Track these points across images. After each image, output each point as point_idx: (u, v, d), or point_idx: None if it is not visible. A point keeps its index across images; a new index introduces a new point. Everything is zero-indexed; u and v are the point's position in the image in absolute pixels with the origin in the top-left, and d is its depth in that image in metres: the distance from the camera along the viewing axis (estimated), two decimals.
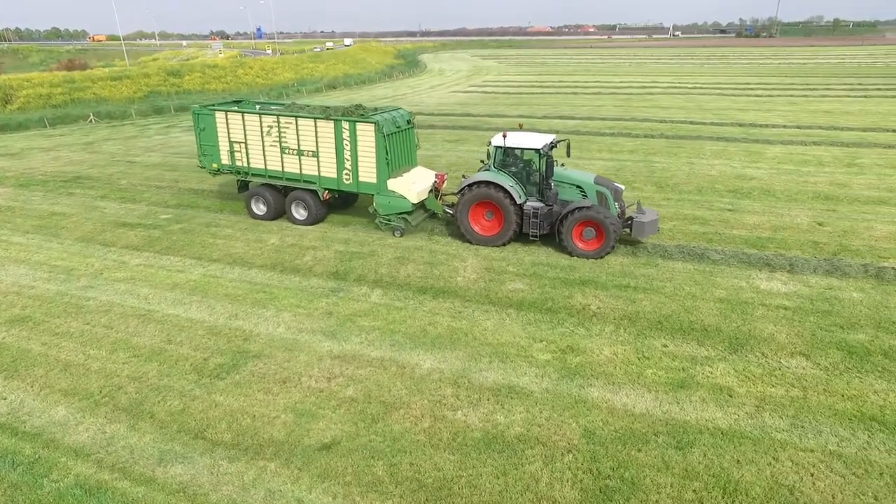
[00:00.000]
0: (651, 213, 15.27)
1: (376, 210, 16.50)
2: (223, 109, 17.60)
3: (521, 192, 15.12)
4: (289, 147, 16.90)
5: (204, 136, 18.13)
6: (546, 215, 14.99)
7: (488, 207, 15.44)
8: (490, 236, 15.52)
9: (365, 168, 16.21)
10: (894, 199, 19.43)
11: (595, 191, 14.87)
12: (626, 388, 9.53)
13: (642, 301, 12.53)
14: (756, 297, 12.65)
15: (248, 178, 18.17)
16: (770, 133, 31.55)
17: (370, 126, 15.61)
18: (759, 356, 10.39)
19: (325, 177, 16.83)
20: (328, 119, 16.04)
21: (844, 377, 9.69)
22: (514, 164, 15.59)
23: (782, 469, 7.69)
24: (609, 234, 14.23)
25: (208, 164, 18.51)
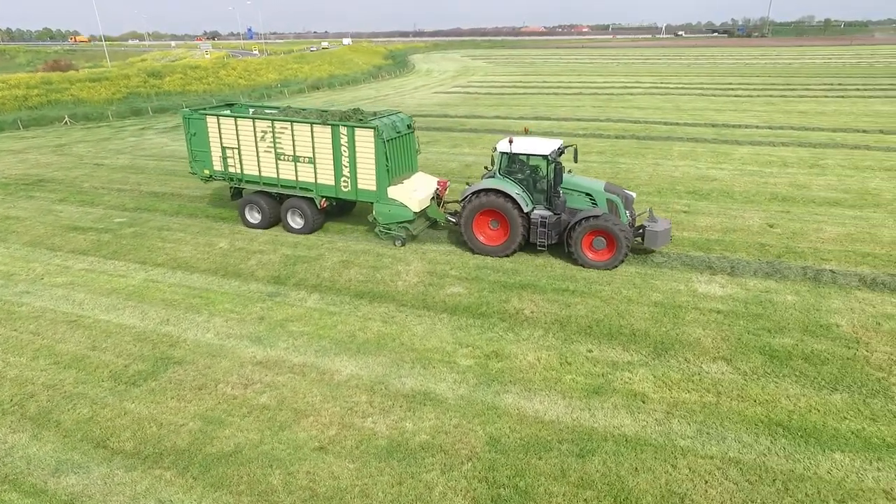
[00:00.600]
0: (663, 221, 14.65)
1: (376, 219, 15.89)
2: (214, 114, 16.88)
3: (527, 201, 14.47)
4: (284, 153, 16.27)
5: (195, 141, 17.39)
6: (554, 224, 14.37)
7: (493, 216, 14.79)
8: (495, 246, 14.86)
9: (364, 175, 15.61)
10: (849, 200, 19.47)
11: (605, 198, 14.27)
12: (541, 394, 9.50)
13: (577, 305, 12.52)
14: (691, 300, 12.65)
15: (242, 185, 17.56)
16: (741, 134, 31.62)
17: (369, 131, 15.00)
18: (682, 361, 10.38)
19: (323, 184, 16.21)
20: (325, 124, 15.43)
21: (761, 382, 9.69)
22: (520, 171, 15.00)
23: (678, 477, 7.67)
24: (620, 243, 13.63)
25: (200, 170, 17.80)
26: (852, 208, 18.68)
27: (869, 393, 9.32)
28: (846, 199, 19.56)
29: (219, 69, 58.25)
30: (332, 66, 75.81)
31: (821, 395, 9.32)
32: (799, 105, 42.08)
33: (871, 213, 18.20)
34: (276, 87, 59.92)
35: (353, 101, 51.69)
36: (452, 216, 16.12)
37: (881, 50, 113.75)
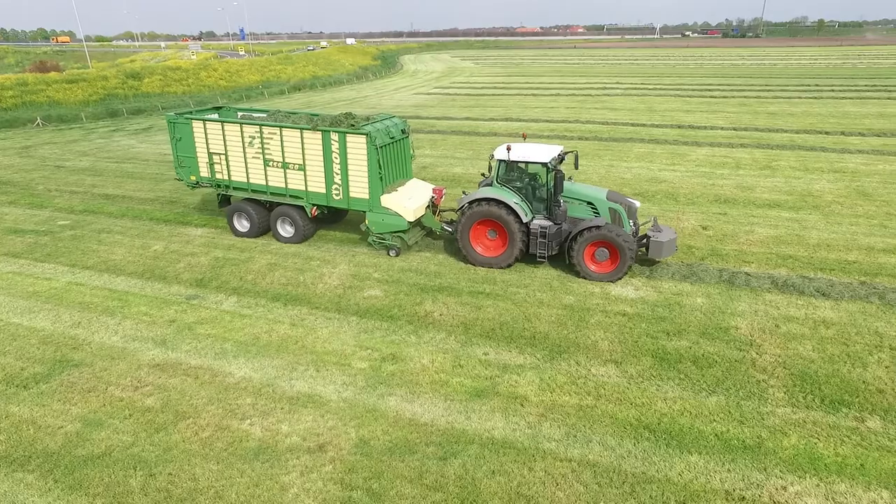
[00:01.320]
0: (668, 230, 14.12)
1: (369, 228, 15.42)
2: (200, 118, 16.32)
3: (526, 210, 13.95)
4: (273, 159, 15.70)
5: (180, 146, 16.86)
6: (555, 235, 13.80)
7: (491, 226, 14.29)
8: (494, 257, 14.36)
9: (356, 183, 15.08)
10: (790, 202, 19.61)
11: (608, 207, 13.74)
12: (424, 397, 9.62)
13: (488, 308, 12.63)
14: (602, 303, 12.77)
15: (230, 192, 17.03)
16: (705, 135, 31.76)
17: (361, 137, 14.44)
18: (573, 364, 10.49)
19: (313, 192, 15.64)
20: (315, 129, 14.86)
21: (644, 385, 9.81)
22: (518, 179, 14.45)
23: (531, 479, 7.78)
24: (624, 255, 13.11)
25: (186, 176, 17.26)
26: (790, 210, 18.82)
27: (745, 395, 9.44)
28: (787, 201, 19.70)
29: (199, 70, 58.28)
30: (317, 67, 75.88)
31: (698, 397, 9.45)
32: (770, 106, 42.23)
33: (806, 214, 18.34)
34: (258, 88, 59.98)
35: (331, 102, 51.84)
36: (449, 225, 15.70)
37: (869, 50, 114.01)
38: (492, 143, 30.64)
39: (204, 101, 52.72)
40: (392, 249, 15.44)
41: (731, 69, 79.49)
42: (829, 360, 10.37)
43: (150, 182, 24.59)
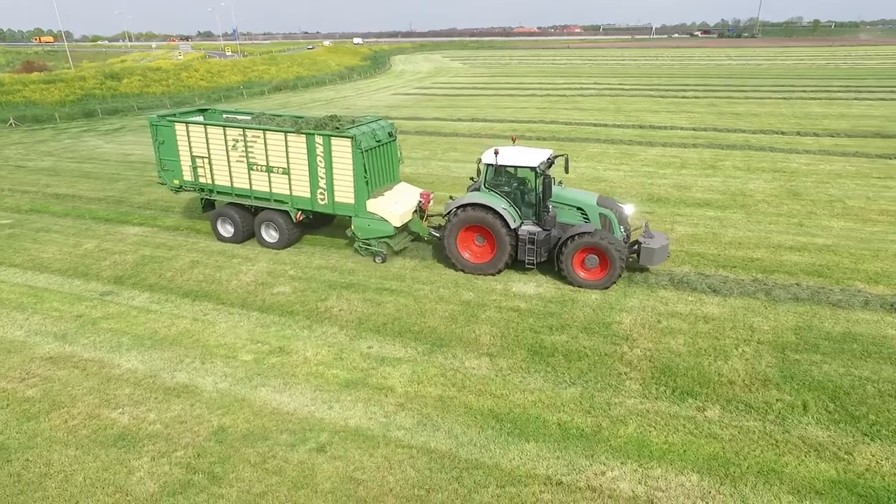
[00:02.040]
0: (660, 236, 13.81)
1: (354, 234, 15.14)
2: (183, 121, 16.04)
3: (515, 216, 13.67)
4: (257, 163, 15.42)
5: (163, 149, 16.57)
6: (544, 241, 13.54)
7: (479, 232, 14.01)
8: (482, 264, 14.09)
9: (341, 187, 14.76)
10: (720, 201, 19.98)
11: (598, 213, 13.48)
12: (295, 388, 10.00)
13: (387, 304, 13.01)
14: (499, 299, 13.15)
15: (213, 196, 16.71)
16: (663, 135, 32.12)
17: (346, 141, 14.11)
18: (450, 357, 10.88)
19: (298, 196, 15.36)
20: (299, 132, 14.56)
21: (509, 377, 10.19)
22: (507, 184, 14.12)
23: (368, 464, 8.17)
24: (614, 262, 12.82)
25: (169, 180, 16.96)
26: (717, 209, 19.19)
27: (601, 387, 9.83)
28: (717, 200, 20.07)
29: (180, 71, 58.69)
30: (302, 67, 76.28)
31: (556, 389, 9.83)
32: (738, 107, 42.58)
33: (731, 213, 18.71)
34: (239, 88, 60.36)
35: (308, 103, 52.26)
36: (437, 230, 15.38)
37: (858, 51, 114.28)
38: (452, 143, 31.04)
39: (183, 101, 53.13)
40: (378, 256, 15.11)
41: (715, 69, 79.83)
42: (695, 353, 10.75)
43: (104, 182, 25.00)
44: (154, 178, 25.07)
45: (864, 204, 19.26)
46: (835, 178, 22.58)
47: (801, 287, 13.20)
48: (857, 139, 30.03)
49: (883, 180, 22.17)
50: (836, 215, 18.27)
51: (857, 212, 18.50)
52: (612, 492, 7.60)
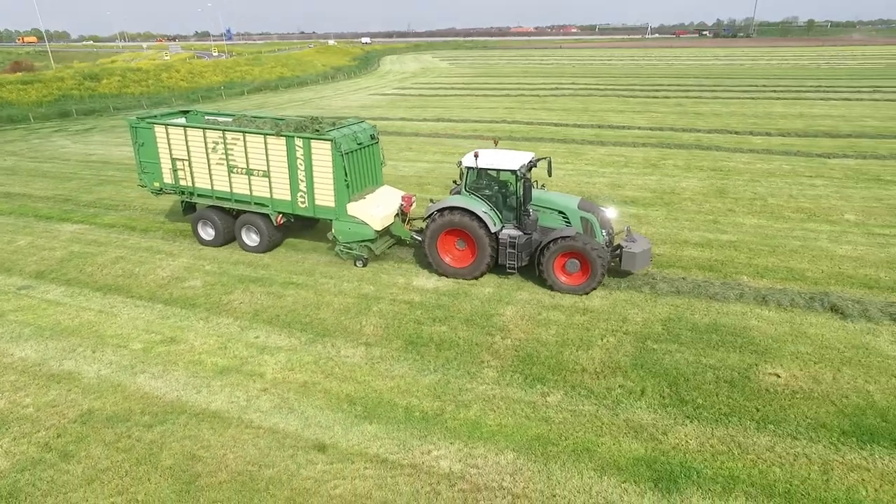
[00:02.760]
0: (643, 240, 13.69)
1: (335, 237, 15.01)
2: (162, 122, 15.94)
3: (495, 219, 13.54)
4: (237, 166, 15.33)
5: (143, 151, 16.44)
6: (524, 245, 13.33)
7: (459, 236, 13.90)
8: (462, 268, 13.94)
9: (321, 190, 14.66)
10: (647, 199, 20.50)
11: (579, 216, 13.35)
12: (173, 374, 10.55)
13: (288, 297, 13.57)
14: (396, 293, 13.69)
15: (194, 199, 16.58)
16: (618, 134, 32.63)
17: (326, 144, 14.02)
18: (328, 347, 11.42)
19: (279, 199, 15.25)
20: (278, 135, 14.45)
21: (377, 365, 10.73)
22: (488, 187, 14.03)
23: (214, 443, 8.72)
24: (595, 266, 12.63)
25: (149, 182, 16.83)
26: (641, 206, 19.71)
27: (460, 375, 10.37)
28: (644, 198, 20.59)
29: (161, 72, 59.26)
30: (286, 68, 76.84)
31: (418, 376, 10.37)
32: (703, 106, 43.09)
33: (653, 210, 19.24)
34: (219, 89, 60.91)
35: (285, 103, 52.83)
36: (419, 234, 15.14)
37: (847, 51, 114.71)
38: (409, 143, 31.55)
39: (161, 102, 53.72)
40: (359, 260, 14.99)
41: (696, 69, 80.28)
42: (560, 343, 11.29)
43: (58, 181, 25.56)
44: (108, 178, 25.73)
45: (784, 202, 19.78)
46: (766, 177, 23.10)
47: (685, 281, 13.73)
48: (806, 138, 30.55)
49: (811, 179, 22.69)
50: (752, 212, 18.80)
51: (773, 209, 19.02)
52: (431, 469, 8.14)
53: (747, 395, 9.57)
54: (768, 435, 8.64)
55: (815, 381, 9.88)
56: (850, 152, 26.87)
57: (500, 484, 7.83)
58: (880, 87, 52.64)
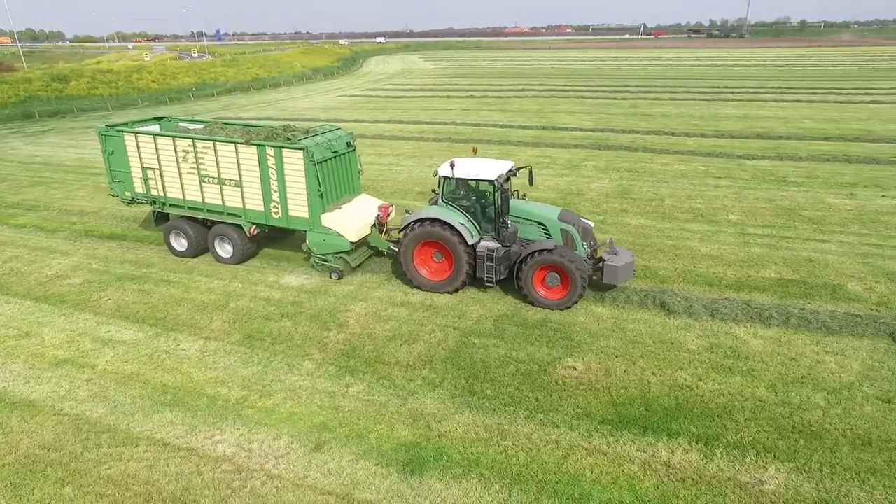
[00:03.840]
0: (626, 253, 13.21)
1: (310, 249, 14.65)
2: (131, 130, 15.59)
3: (473, 231, 13.07)
4: (208, 175, 14.93)
5: (113, 160, 16.09)
6: (503, 258, 12.89)
7: (437, 248, 13.48)
8: (439, 282, 13.50)
9: (294, 201, 14.25)
10: (550, 199, 20.98)
11: (559, 228, 12.90)
12: (10, 366, 11.11)
13: (156, 294, 14.14)
14: (262, 289, 14.27)
15: (166, 209, 16.16)
16: (557, 136, 33.18)
17: (298, 153, 13.58)
18: (171, 340, 12.00)
19: (251, 210, 14.86)
20: (249, 143, 14.08)
21: (207, 358, 11.28)
22: (465, 198, 13.53)
23: (17, 428, 9.29)
24: (575, 280, 12.23)
25: (121, 192, 16.45)
26: None
27: (280, 367, 10.93)
28: (547, 199, 21.10)
29: (131, 73, 59.86)
30: (262, 69, 77.43)
31: (240, 368, 10.93)
32: (656, 107, 43.66)
33: None
34: (190, 90, 61.50)
35: (252, 104, 53.42)
36: (396, 245, 14.52)
37: (827, 52, 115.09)
38: None
39: (129, 103, 54.34)
40: (334, 272, 14.56)
41: (671, 71, 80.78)
42: (390, 338, 11.85)
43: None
44: (42, 179, 26.33)
45: (679, 203, 20.34)
46: (677, 178, 23.65)
47: None
48: (737, 140, 31.12)
49: (718, 180, 23.25)
50: (643, 213, 19.36)
51: (665, 210, 19.58)
52: (205, 452, 8.71)
53: (535, 386, 10.14)
54: (534, 423, 9.20)
55: (605, 374, 10.44)
56: (771, 154, 27.45)
57: (262, 466, 8.40)
58: (838, 88, 53.13)
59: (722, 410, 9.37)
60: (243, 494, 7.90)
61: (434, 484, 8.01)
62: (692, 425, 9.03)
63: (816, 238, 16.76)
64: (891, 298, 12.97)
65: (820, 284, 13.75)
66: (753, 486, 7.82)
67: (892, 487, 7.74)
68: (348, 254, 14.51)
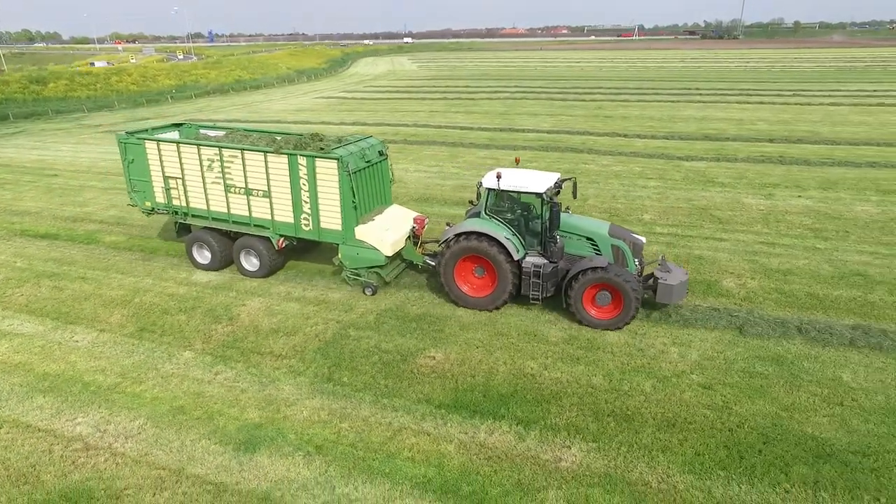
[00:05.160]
0: (679, 271, 12.64)
1: (342, 263, 14.05)
2: (153, 138, 15.04)
3: (518, 245, 12.56)
4: (234, 185, 14.38)
5: (133, 168, 15.47)
6: (550, 274, 12.36)
7: (478, 263, 12.95)
8: (481, 298, 12.96)
9: (327, 213, 13.69)
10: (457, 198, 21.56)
11: (610, 244, 12.32)
12: None
13: (67, 290, 14.81)
14: (170, 286, 14.94)
15: (189, 220, 15.53)
16: (510, 137, 33.86)
17: (332, 163, 13.03)
18: (66, 333, 12.67)
19: (280, 221, 14.28)
20: (279, 153, 13.54)
21: (95, 349, 11.93)
22: (510, 210, 13.07)
23: None
24: (630, 300, 11.64)
25: (140, 201, 15.89)
26: (451, 205, 20.83)
27: (160, 356, 11.62)
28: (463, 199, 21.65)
29: (111, 75, 60.64)
30: (245, 71, 78.21)
31: (122, 357, 11.61)
32: (620, 109, 44.36)
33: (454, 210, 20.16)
34: (169, 92, 62.25)
35: (228, 106, 54.17)
36: (432, 258, 14.17)
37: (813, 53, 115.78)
38: None
39: (107, 105, 55.08)
40: (368, 287, 13.94)
41: (651, 72, 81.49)
42: (274, 331, 12.53)
43: None
44: None
45: (600, 203, 21.04)
46: (608, 179, 24.34)
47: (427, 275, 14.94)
48: (685, 141, 31.83)
49: (649, 180, 23.93)
50: None
51: (584, 209, 20.18)
52: (62, 432, 9.39)
53: (390, 374, 10.82)
54: (376, 407, 9.88)
55: (460, 363, 11.13)
56: (711, 155, 28.13)
57: (111, 445, 9.09)
58: (805, 91, 53.82)
59: (553, 396, 10.05)
60: (84, 470, 8.58)
61: (261, 460, 8.69)
62: (519, 409, 9.71)
63: (716, 237, 17.44)
64: (757, 294, 13.65)
65: (699, 280, 14.42)
66: (551, 463, 8.50)
67: (674, 462, 8.42)
68: (382, 268, 13.91)
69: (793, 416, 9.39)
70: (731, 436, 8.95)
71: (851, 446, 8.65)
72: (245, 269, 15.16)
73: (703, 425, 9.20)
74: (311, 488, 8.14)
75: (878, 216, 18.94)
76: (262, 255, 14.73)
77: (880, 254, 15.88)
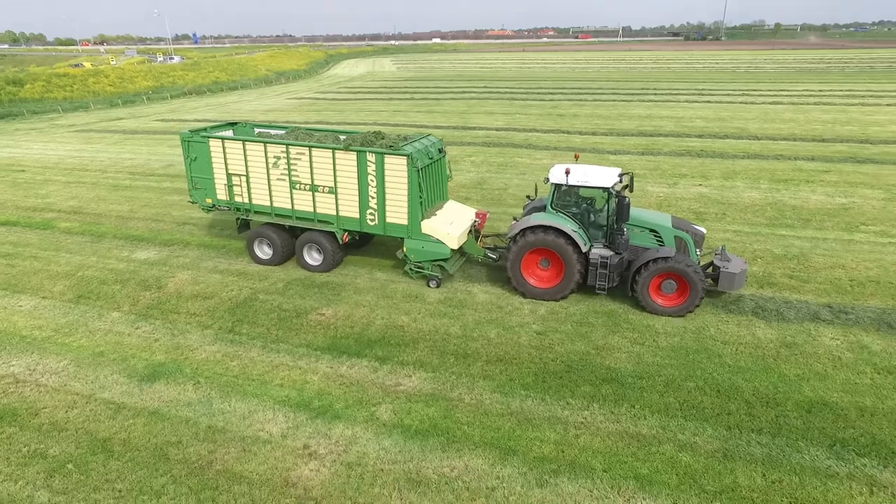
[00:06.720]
0: (738, 261, 13.27)
1: (406, 256, 14.56)
2: (219, 137, 15.37)
3: (584, 238, 13.16)
4: (300, 181, 14.78)
5: (195, 166, 15.81)
6: (617, 265, 12.94)
7: (544, 255, 13.53)
8: (548, 289, 13.54)
9: (394, 208, 14.19)
10: None
11: (673, 235, 12.94)
12: None
13: (18, 266, 16.66)
14: (112, 262, 16.84)
15: (250, 216, 16.05)
16: (462, 135, 35.84)
17: (401, 159, 13.49)
18: (11, 300, 14.55)
19: (345, 217, 14.76)
20: (348, 150, 13.97)
21: (35, 312, 13.83)
22: (575, 205, 13.66)
23: None
24: (696, 288, 12.26)
25: (201, 199, 16.22)
26: None
27: (92, 317, 13.51)
28: None
29: (88, 77, 62.19)
30: (224, 72, 79.87)
31: (59, 317, 13.52)
32: (575, 108, 46.57)
33: None
34: (147, 94, 63.86)
35: (202, 107, 55.84)
36: (492, 251, 15.12)
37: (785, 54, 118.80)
38: None
39: (82, 106, 56.64)
40: (432, 280, 14.54)
41: (621, 73, 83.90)
42: (194, 295, 14.47)
43: None
44: None
45: (520, 191, 23.09)
46: (535, 171, 26.38)
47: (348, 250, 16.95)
48: (620, 137, 34.04)
49: None
50: (481, 200, 22.12)
51: (506, 198, 22.32)
52: None
53: (284, 326, 12.83)
54: (264, 351, 11.87)
55: (345, 318, 13.15)
56: (638, 150, 30.35)
57: (37, 380, 11.02)
58: (755, 90, 56.33)
59: (412, 341, 12.10)
60: (12, 397, 10.52)
61: (159, 387, 10.67)
62: (381, 351, 11.75)
63: None
64: None
65: None
66: (391, 387, 10.55)
67: (489, 386, 10.49)
68: (446, 261, 14.44)
69: (600, 353, 11.50)
70: (543, 367, 11.04)
71: (634, 373, 10.77)
72: (307, 263, 15.66)
73: (524, 360, 11.29)
74: (194, 406, 10.13)
75: (759, 201, 21.19)
76: (325, 249, 15.31)
77: (742, 231, 18.08)
